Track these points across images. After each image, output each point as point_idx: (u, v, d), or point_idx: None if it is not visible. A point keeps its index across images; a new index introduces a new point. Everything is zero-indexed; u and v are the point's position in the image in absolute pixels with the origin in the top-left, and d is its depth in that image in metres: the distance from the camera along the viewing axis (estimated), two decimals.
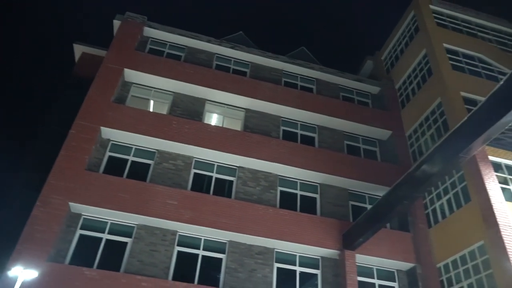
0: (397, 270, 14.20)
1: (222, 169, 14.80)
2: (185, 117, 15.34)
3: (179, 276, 12.03)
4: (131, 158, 14.14)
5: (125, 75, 15.70)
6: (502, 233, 11.23)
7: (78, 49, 19.02)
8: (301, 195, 15.09)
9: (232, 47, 18.16)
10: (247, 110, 16.67)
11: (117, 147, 14.22)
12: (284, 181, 15.18)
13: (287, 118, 17.05)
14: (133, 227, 12.58)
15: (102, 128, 13.78)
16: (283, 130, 16.72)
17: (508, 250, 10.93)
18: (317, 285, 13.24)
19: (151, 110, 15.86)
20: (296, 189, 15.18)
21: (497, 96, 8.18)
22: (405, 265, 14.03)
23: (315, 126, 17.27)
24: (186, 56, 17.55)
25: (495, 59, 17.24)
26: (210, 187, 14.26)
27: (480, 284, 11.97)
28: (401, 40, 20.32)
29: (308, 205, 14.85)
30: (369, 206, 15.25)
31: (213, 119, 16.75)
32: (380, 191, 15.36)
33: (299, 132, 16.97)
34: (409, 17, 19.81)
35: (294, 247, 13.40)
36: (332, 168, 15.28)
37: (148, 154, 14.34)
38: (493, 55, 17.46)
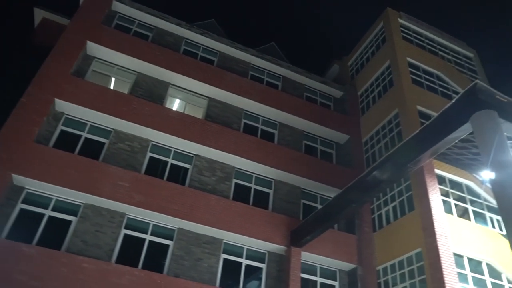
0: (339, 269, 14.70)
1: (179, 155, 14.62)
2: (146, 99, 14.99)
3: (123, 259, 11.77)
4: (85, 134, 13.63)
5: (87, 48, 15.07)
6: (438, 242, 11.90)
7: (39, 14, 18.01)
8: (255, 189, 15.22)
9: (202, 34, 17.90)
10: (210, 99, 16.54)
11: (71, 122, 13.65)
12: (240, 173, 15.24)
13: (250, 111, 17.10)
14: (80, 205, 12.17)
15: (56, 100, 13.16)
16: (245, 123, 16.75)
17: (442, 258, 11.61)
18: (261, 279, 13.45)
19: (111, 87, 15.34)
20: (251, 182, 15.29)
21: (447, 114, 8.60)
22: (347, 266, 14.55)
23: (276, 122, 17.44)
24: (154, 37, 17.11)
25: (451, 78, 18.14)
26: (164, 172, 14.05)
27: None
28: (368, 49, 20.89)
29: (261, 200, 15.02)
30: (319, 206, 15.65)
31: (175, 104, 16.49)
32: (331, 193, 15.82)
33: (260, 127, 17.07)
34: (378, 27, 20.39)
35: (242, 240, 13.51)
36: (288, 166, 15.51)
37: (104, 132, 13.89)
38: (450, 74, 18.37)
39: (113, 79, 15.56)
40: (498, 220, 13.97)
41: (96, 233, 11.86)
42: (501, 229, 13.70)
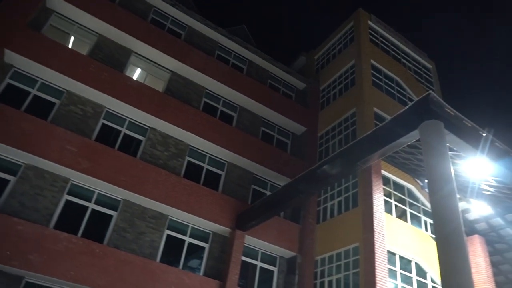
0: (279, 256, 15.11)
1: (133, 126, 14.24)
2: (106, 63, 14.37)
3: (62, 225, 11.38)
4: (34, 91, 12.89)
5: (47, 0, 14.13)
6: (375, 239, 12.54)
7: None
8: (207, 169, 15.18)
9: (172, 5, 17.34)
10: (173, 73, 16.17)
11: (20, 76, 12.84)
12: (194, 152, 15.12)
13: (211, 91, 16.92)
14: (20, 165, 11.56)
15: (6, 50, 12.29)
16: (205, 102, 16.57)
17: (376, 254, 12.26)
18: (202, 258, 13.55)
19: (69, 46, 14.55)
20: (204, 162, 15.22)
21: (399, 119, 8.99)
22: (288, 253, 14.99)
23: (236, 105, 17.40)
24: (122, 1, 16.34)
25: (409, 85, 18.90)
26: (116, 141, 13.64)
27: (346, 280, 13.30)
28: (336, 46, 21.23)
29: (212, 181, 15.02)
30: (269, 193, 15.93)
31: (136, 74, 15.96)
32: (282, 181, 16.13)
33: (220, 108, 16.96)
34: (348, 26, 20.74)
35: (188, 218, 13.49)
36: (243, 150, 15.59)
37: (55, 92, 13.20)
38: (408, 82, 19.13)
39: (72, 38, 14.77)
40: (431, 224, 14.91)
41: (36, 196, 11.36)
42: (432, 232, 14.64)
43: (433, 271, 13.45)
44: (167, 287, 11.73)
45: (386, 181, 14.76)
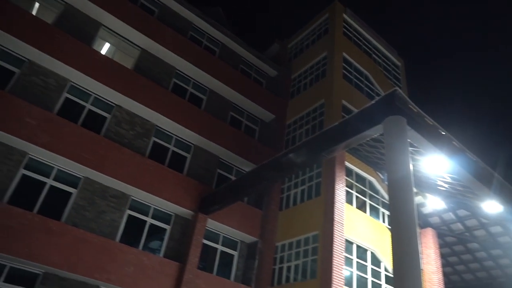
0: (241, 241, 15.28)
1: (99, 102, 13.81)
2: (72, 34, 13.73)
3: (17, 200, 10.96)
4: None
5: None
6: (334, 228, 12.90)
7: None
8: (173, 151, 15.00)
9: None
10: (143, 51, 15.73)
11: None
12: (160, 133, 14.89)
13: (182, 72, 16.61)
14: None
15: None
16: (174, 83, 16.28)
17: (334, 242, 12.63)
18: (163, 239, 13.49)
19: (33, 13, 13.81)
20: (170, 144, 15.03)
21: (365, 113, 9.21)
22: (249, 238, 15.17)
23: (206, 88, 17.21)
24: None
25: (377, 81, 19.33)
26: (80, 117, 13.19)
27: (304, 266, 13.66)
28: (310, 36, 21.32)
29: (177, 163, 14.87)
30: (234, 178, 15.99)
31: (104, 48, 15.41)
32: (247, 167, 16.22)
33: (190, 89, 16.72)
34: (323, 18, 20.84)
35: (151, 199, 13.34)
36: (211, 134, 15.50)
37: (15, 60, 12.52)
38: (377, 77, 19.55)
39: (36, 4, 14.03)
40: (388, 215, 15.49)
41: None
42: (389, 224, 15.23)
43: (387, 261, 14.04)
44: (126, 267, 11.62)
45: (349, 172, 15.14)
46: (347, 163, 14.97)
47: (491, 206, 12.15)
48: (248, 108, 18.25)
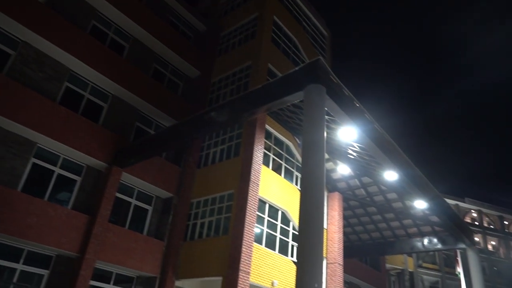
0: (156, 196, 15.13)
1: (2, 36, 12.22)
2: None
3: None
4: None
5: None
6: (250, 187, 13.34)
7: None
8: (88, 99, 14.03)
9: None
10: None
11: None
12: (74, 78, 13.76)
13: (104, 15, 15.30)
14: None
15: None
16: (94, 26, 14.96)
17: (248, 201, 13.11)
18: (72, 191, 12.83)
19: None
20: (85, 91, 14.00)
21: (288, 78, 9.41)
22: (165, 194, 15.08)
23: (130, 36, 16.13)
24: None
25: (304, 48, 19.73)
26: None
27: (217, 223, 14.05)
28: None
29: (93, 112, 13.99)
30: (153, 133, 15.55)
31: None
32: (168, 122, 15.86)
33: (111, 35, 15.53)
34: None
35: (60, 148, 12.47)
36: (131, 84, 14.73)
37: None
38: (304, 45, 19.93)
39: None
40: (301, 179, 16.39)
41: None
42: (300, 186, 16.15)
43: (296, 220, 14.99)
44: (28, 218, 10.90)
45: (268, 135, 15.57)
46: (267, 126, 15.35)
47: (390, 175, 13.45)
48: (173, 62, 17.57)
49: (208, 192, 14.91)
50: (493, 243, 41.27)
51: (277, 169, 15.78)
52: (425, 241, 19.49)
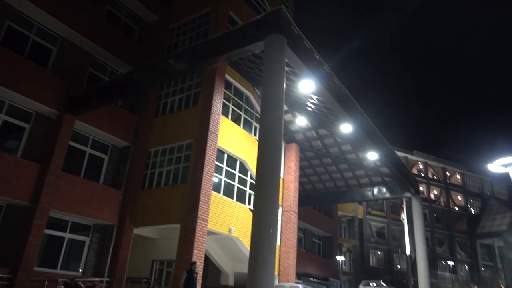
0: (112, 145, 14.78)
1: None
2: None
3: None
4: None
5: None
6: (208, 138, 13.33)
7: None
8: (34, 41, 13.01)
9: None
10: None
11: None
12: (17, 16, 12.60)
13: None
14: None
15: None
16: None
17: (207, 151, 13.15)
18: (21, 139, 12.23)
19: None
20: (30, 32, 12.94)
21: (249, 27, 9.16)
22: (121, 143, 14.75)
23: None
24: None
25: None
26: None
27: (176, 172, 14.08)
28: None
29: (41, 55, 13.06)
30: (107, 79, 14.87)
31: None
32: (123, 69, 15.19)
33: None
34: None
35: (4, 93, 11.63)
36: (82, 27, 13.75)
37: None
38: None
39: None
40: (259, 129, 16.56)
41: None
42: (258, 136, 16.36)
43: (254, 170, 15.32)
44: None
45: (228, 85, 15.38)
46: (227, 76, 15.12)
47: (345, 127, 13.89)
48: (128, 4, 16.49)
49: (167, 141, 14.77)
50: (435, 192, 44.52)
51: (236, 119, 15.79)
52: (375, 190, 20.73)
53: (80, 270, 13.00)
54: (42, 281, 11.33)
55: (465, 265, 42.53)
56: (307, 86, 11.01)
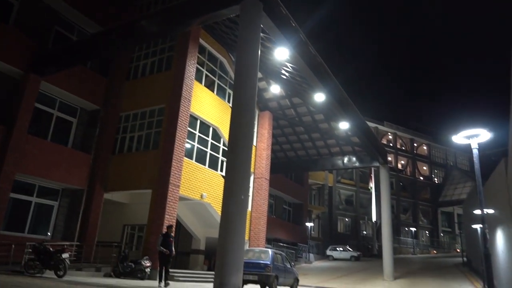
0: (81, 108, 14.33)
1: None
2: None
3: None
4: None
5: None
6: (181, 103, 13.13)
7: None
8: None
9: None
10: None
11: None
12: None
13: None
14: None
15: None
16: None
17: (180, 117, 12.98)
18: None
19: None
20: None
21: None
22: (91, 106, 14.32)
23: None
24: None
25: None
26: None
27: (147, 137, 13.90)
28: None
29: (1, 9, 12.25)
30: (76, 39, 14.20)
31: None
32: (92, 28, 14.51)
33: None
34: None
35: None
36: None
37: None
38: None
39: None
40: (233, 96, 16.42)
41: None
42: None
43: (226, 137, 15.31)
44: None
45: (202, 50, 15.03)
46: (201, 41, 14.74)
47: (319, 97, 13.97)
48: None
49: (138, 105, 14.45)
50: (403, 162, 46.08)
51: (210, 85, 15.57)
52: (345, 159, 21.22)
53: (49, 234, 12.87)
54: (9, 245, 11.15)
55: (426, 231, 44.87)
56: (282, 53, 10.89)
